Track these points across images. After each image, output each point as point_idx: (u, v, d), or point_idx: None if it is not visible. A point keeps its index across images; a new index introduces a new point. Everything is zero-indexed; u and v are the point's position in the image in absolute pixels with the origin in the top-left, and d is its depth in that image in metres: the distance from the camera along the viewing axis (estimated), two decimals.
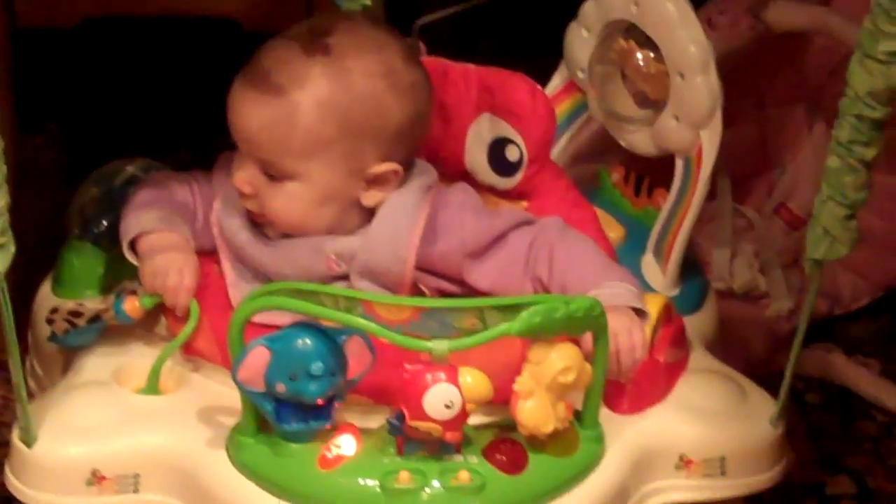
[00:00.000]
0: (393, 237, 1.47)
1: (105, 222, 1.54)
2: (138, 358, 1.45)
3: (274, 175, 1.45)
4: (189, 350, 1.45)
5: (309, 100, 1.42)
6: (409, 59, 1.48)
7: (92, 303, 1.50)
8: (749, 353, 1.60)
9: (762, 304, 2.11)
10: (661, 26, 1.52)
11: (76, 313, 1.48)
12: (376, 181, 1.47)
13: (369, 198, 1.46)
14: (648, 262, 1.58)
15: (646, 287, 1.53)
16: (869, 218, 1.45)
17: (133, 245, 1.47)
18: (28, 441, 1.38)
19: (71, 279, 1.55)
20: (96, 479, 1.38)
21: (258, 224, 1.48)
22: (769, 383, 1.52)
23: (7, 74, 1.61)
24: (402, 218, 1.47)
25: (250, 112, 1.43)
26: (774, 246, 2.17)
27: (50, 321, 1.49)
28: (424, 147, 1.53)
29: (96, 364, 1.47)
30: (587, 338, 1.35)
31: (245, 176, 1.44)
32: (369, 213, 1.47)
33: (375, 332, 1.31)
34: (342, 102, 1.43)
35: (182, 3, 2.01)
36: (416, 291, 1.48)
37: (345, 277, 1.46)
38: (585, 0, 1.60)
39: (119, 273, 1.52)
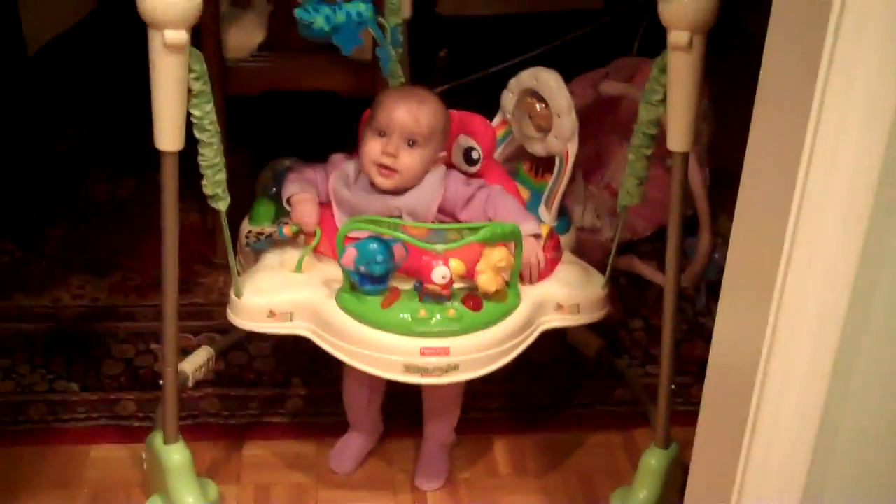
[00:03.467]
0: (429, 194, 1.44)
1: (274, 189, 1.52)
2: (291, 255, 1.43)
3: (413, 143, 1.42)
4: (317, 251, 1.43)
5: (428, 115, 1.42)
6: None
7: (267, 228, 1.47)
8: (591, 257, 1.59)
9: (598, 234, 2.09)
10: (548, 91, 1.50)
11: (260, 233, 1.46)
12: (436, 161, 1.46)
13: (432, 168, 1.45)
14: (542, 209, 1.56)
15: (541, 221, 1.51)
16: (649, 189, 1.45)
17: (288, 200, 1.45)
18: (238, 295, 1.38)
19: (257, 217, 1.52)
20: (271, 314, 1.38)
21: (364, 186, 1.45)
22: (602, 271, 1.51)
23: (224, 120, 1.59)
24: (434, 184, 1.45)
25: (413, 113, 1.41)
26: (604, 205, 2.14)
27: (247, 236, 1.48)
28: None
29: (270, 258, 1.45)
30: (512, 245, 1.35)
31: (394, 145, 1.41)
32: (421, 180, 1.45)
33: (407, 240, 1.32)
34: (439, 119, 1.43)
35: (309, 82, 1.97)
36: (435, 221, 1.45)
37: (398, 216, 1.42)
38: (507, 74, 1.58)
39: (279, 214, 1.50)
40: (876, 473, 1.09)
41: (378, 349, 1.33)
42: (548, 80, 1.50)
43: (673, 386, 1.45)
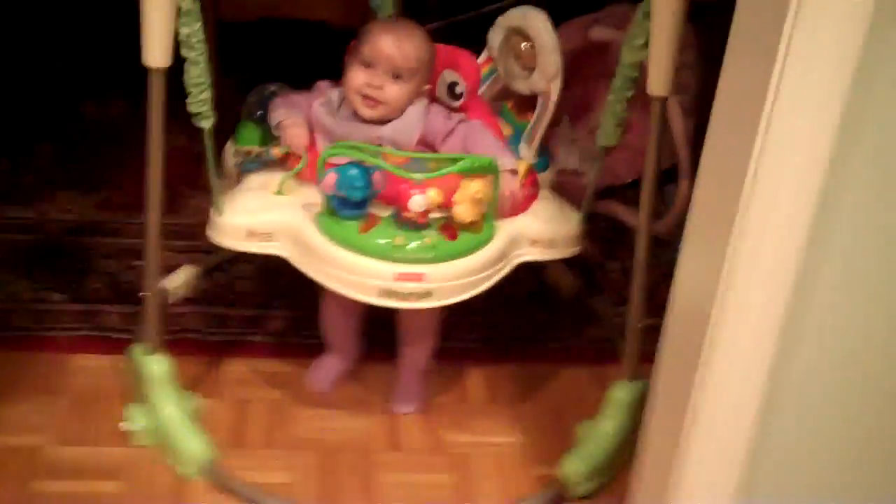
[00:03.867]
0: (411, 125, 1.47)
1: (259, 112, 1.53)
2: (275, 177, 1.45)
3: (398, 76, 1.44)
4: (300, 176, 1.44)
5: (414, 48, 1.44)
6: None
7: (256, 149, 1.49)
8: (573, 200, 1.61)
9: (582, 178, 2.08)
10: (535, 30, 1.51)
11: (249, 152, 1.49)
12: (420, 93, 1.48)
13: (416, 100, 1.47)
14: (523, 146, 1.57)
15: (519, 157, 1.53)
16: (633, 136, 1.47)
17: (277, 125, 1.47)
18: (219, 213, 1.41)
19: (242, 139, 1.54)
20: (251, 234, 1.41)
21: (347, 115, 1.46)
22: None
23: (215, 47, 1.61)
24: (417, 116, 1.47)
25: (399, 46, 1.43)
26: (589, 149, 2.07)
27: (236, 155, 1.50)
28: None
29: (253, 180, 1.47)
30: (490, 178, 1.37)
31: (379, 77, 1.43)
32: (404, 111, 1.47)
33: (387, 167, 1.35)
34: (424, 52, 1.45)
35: (301, 10, 1.99)
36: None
37: (380, 146, 1.44)
38: (499, 15, 1.59)
39: (265, 138, 1.50)
40: (825, 413, 1.14)
41: (354, 272, 1.36)
42: (535, 19, 1.52)
43: (642, 325, 1.48)
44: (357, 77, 1.44)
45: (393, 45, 1.43)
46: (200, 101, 1.33)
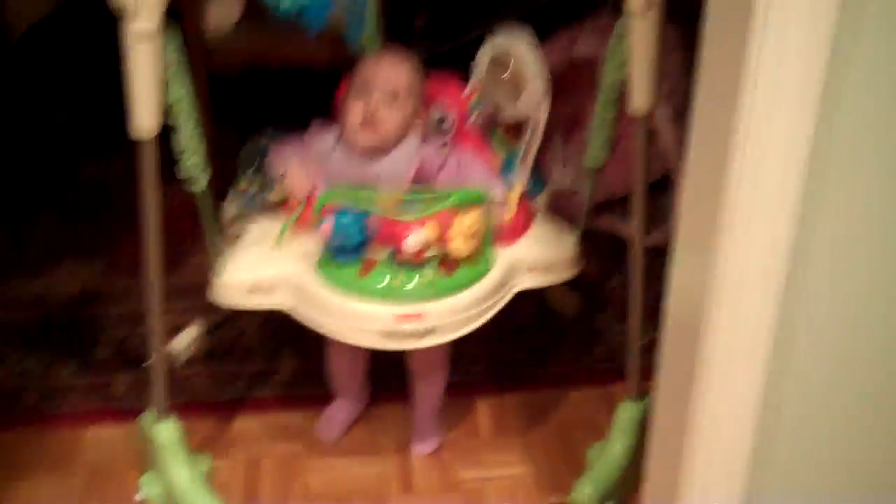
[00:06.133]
0: (405, 160, 1.47)
1: (253, 167, 1.53)
2: (271, 230, 1.46)
3: (393, 99, 1.45)
4: (298, 225, 1.45)
5: (406, 71, 1.47)
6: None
7: (251, 190, 1.50)
8: (571, 218, 1.62)
9: (576, 195, 2.10)
10: (519, 57, 1.52)
11: (245, 192, 1.51)
12: (415, 121, 1.49)
13: (411, 132, 1.49)
14: (515, 173, 1.56)
15: (513, 184, 1.52)
16: (621, 145, 1.47)
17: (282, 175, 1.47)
18: (219, 275, 1.43)
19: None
20: (253, 290, 1.42)
21: (342, 154, 1.48)
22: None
23: (206, 97, 1.64)
24: (410, 152, 1.48)
25: (392, 69, 1.47)
26: (582, 167, 2.16)
27: (242, 191, 1.51)
28: None
29: (252, 232, 1.49)
30: (484, 209, 1.39)
31: (374, 101, 1.45)
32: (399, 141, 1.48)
33: (380, 210, 1.37)
34: (416, 76, 1.48)
35: (288, 59, 2.02)
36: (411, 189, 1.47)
37: (375, 183, 1.45)
38: (484, 37, 1.59)
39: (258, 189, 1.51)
40: (825, 415, 1.14)
41: (355, 319, 1.38)
42: (518, 45, 1.53)
43: (647, 341, 1.46)
44: (354, 108, 1.46)
45: (386, 68, 1.47)
46: (191, 165, 1.35)
